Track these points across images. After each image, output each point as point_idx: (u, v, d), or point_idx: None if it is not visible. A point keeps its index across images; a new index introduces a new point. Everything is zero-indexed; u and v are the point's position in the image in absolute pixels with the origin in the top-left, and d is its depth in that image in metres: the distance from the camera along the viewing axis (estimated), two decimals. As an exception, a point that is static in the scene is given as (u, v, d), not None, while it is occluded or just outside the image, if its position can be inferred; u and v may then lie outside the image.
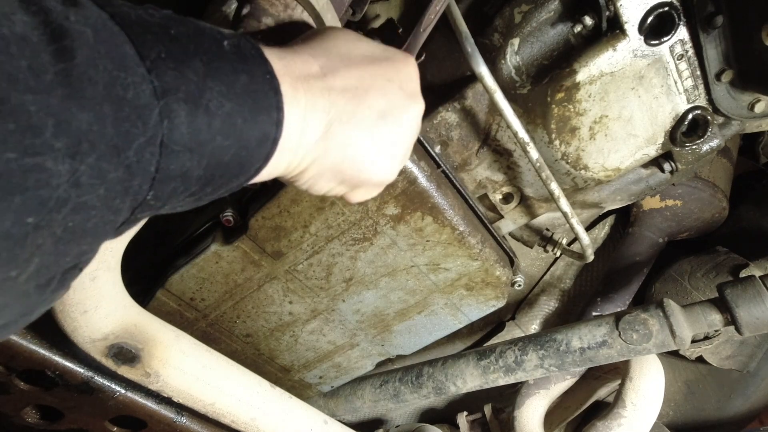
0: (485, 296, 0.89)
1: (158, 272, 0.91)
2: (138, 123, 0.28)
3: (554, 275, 1.47)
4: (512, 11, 0.75)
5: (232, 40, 0.35)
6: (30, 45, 0.24)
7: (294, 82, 0.38)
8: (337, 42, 0.45)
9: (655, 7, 0.68)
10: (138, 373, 0.74)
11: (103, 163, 0.26)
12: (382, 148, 0.46)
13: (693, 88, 0.75)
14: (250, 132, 0.34)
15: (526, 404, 1.18)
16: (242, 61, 0.34)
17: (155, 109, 0.28)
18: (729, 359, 1.28)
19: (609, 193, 0.91)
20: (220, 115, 0.32)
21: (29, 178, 0.23)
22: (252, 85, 0.34)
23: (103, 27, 0.27)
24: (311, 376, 1.09)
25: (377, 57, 0.46)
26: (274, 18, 0.52)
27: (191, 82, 0.30)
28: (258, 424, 0.86)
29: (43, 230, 0.25)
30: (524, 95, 0.78)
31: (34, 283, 0.27)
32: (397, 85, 0.47)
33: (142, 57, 0.28)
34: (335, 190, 0.48)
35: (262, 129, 0.35)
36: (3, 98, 0.22)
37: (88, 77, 0.26)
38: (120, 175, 0.27)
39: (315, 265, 0.83)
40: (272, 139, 0.37)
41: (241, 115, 0.33)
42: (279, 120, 0.36)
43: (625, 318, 0.87)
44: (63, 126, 0.24)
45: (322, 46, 0.44)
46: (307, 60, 0.41)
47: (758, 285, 0.80)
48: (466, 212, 0.80)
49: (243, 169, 0.36)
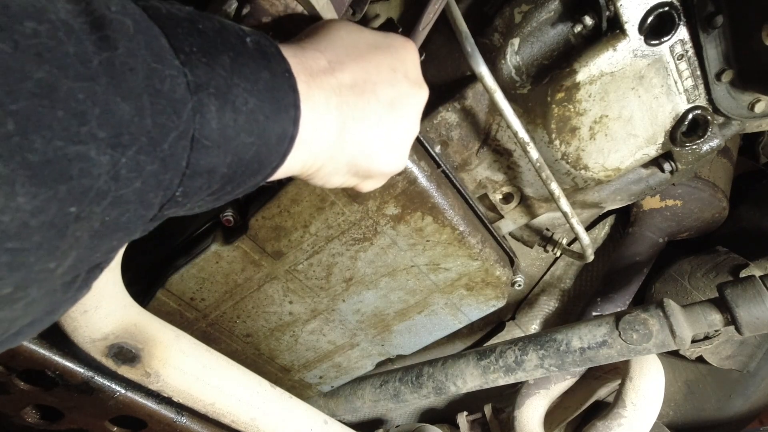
0: (485, 296, 0.89)
1: (158, 272, 0.91)
2: (173, 116, 0.28)
3: (554, 275, 1.47)
4: (512, 11, 0.75)
5: (253, 37, 0.35)
6: (74, 32, 0.23)
7: (308, 79, 0.39)
8: (340, 34, 0.45)
9: (655, 7, 0.68)
10: (138, 373, 0.74)
11: (142, 155, 0.26)
12: (393, 139, 0.47)
13: (693, 88, 0.75)
14: (271, 129, 0.35)
15: (526, 404, 1.18)
16: (264, 58, 0.35)
17: (189, 103, 0.28)
18: (729, 359, 1.28)
19: (609, 193, 0.91)
20: (244, 111, 0.32)
21: (74, 167, 0.23)
22: (273, 82, 0.35)
23: (141, 18, 0.27)
24: (311, 376, 1.09)
25: (380, 45, 0.47)
26: (274, 18, 0.52)
27: (220, 77, 0.30)
28: (258, 424, 0.86)
29: (83, 222, 0.25)
30: (524, 95, 0.78)
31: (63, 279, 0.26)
32: (402, 73, 0.47)
33: (175, 50, 0.28)
34: (348, 182, 0.49)
35: (282, 126, 0.36)
36: (54, 85, 0.22)
37: (130, 67, 0.26)
38: (156, 168, 0.27)
39: (315, 265, 0.83)
40: (290, 137, 0.37)
41: (263, 112, 0.34)
42: (296, 118, 0.37)
43: (625, 318, 0.87)
44: (107, 115, 0.24)
45: (327, 39, 0.44)
46: (316, 56, 0.41)
47: (758, 285, 0.80)
48: (466, 212, 0.80)
49: (262, 167, 0.36)
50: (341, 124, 0.42)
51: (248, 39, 0.34)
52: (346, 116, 0.42)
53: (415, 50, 0.51)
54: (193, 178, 0.30)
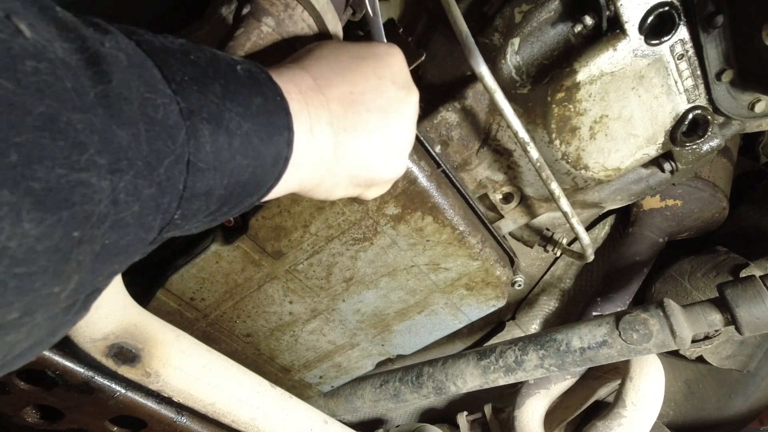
0: (485, 296, 0.89)
1: (158, 272, 0.91)
2: (168, 141, 0.29)
3: (554, 275, 1.47)
4: (512, 11, 0.75)
5: (244, 65, 0.36)
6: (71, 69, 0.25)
7: (298, 100, 0.40)
8: (322, 52, 0.46)
9: (655, 7, 0.68)
10: (138, 373, 0.74)
11: (139, 179, 0.27)
12: (390, 147, 0.48)
13: (693, 88, 0.75)
14: (266, 151, 0.36)
15: (526, 404, 1.18)
16: (255, 84, 0.36)
17: (183, 128, 0.30)
18: (729, 359, 1.28)
19: (609, 193, 0.91)
20: (239, 134, 0.33)
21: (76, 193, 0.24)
22: (266, 106, 0.36)
23: (133, 52, 0.29)
24: (311, 375, 1.09)
25: (362, 55, 0.48)
26: (274, 18, 0.52)
27: (213, 103, 0.32)
28: (258, 423, 0.86)
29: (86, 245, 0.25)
30: (524, 95, 0.78)
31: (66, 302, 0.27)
32: (389, 80, 0.48)
33: (168, 80, 0.30)
34: (351, 193, 0.50)
35: (276, 148, 0.37)
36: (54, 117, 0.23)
37: (124, 98, 0.27)
38: (153, 191, 0.28)
39: (315, 265, 0.83)
40: (284, 158, 0.38)
41: (258, 135, 0.35)
42: (290, 139, 0.38)
43: (626, 318, 0.87)
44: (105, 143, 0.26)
45: (309, 59, 0.45)
46: (303, 76, 0.43)
47: (758, 285, 0.80)
48: (466, 212, 0.80)
49: (258, 188, 0.37)
50: (335, 139, 0.43)
51: (239, 67, 0.36)
52: (338, 130, 0.43)
53: (399, 54, 0.51)
54: (191, 200, 0.32)
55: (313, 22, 0.55)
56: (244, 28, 0.51)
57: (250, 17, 0.51)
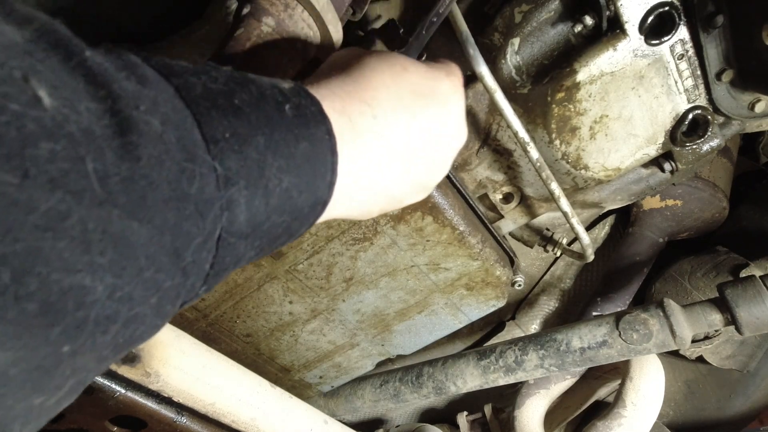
0: (485, 296, 0.89)
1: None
2: (198, 221, 0.25)
3: (554, 275, 1.47)
4: (512, 11, 0.75)
5: (293, 102, 0.32)
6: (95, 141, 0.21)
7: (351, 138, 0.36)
8: (383, 78, 0.41)
9: (655, 7, 0.68)
10: (138, 373, 0.74)
11: (161, 274, 0.24)
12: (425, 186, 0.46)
13: (693, 88, 0.75)
14: (305, 203, 0.32)
15: (526, 404, 1.18)
16: (303, 126, 0.32)
17: (217, 202, 0.26)
18: (729, 359, 1.28)
19: (609, 193, 0.91)
20: (277, 193, 0.29)
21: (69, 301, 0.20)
22: (312, 151, 0.32)
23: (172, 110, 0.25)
24: (311, 375, 1.09)
25: (426, 93, 0.43)
26: (274, 18, 0.52)
27: (253, 161, 0.28)
28: (258, 423, 0.86)
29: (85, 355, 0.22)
30: (524, 95, 0.78)
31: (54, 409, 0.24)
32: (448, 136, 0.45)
33: (207, 141, 0.26)
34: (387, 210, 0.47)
35: (316, 195, 0.33)
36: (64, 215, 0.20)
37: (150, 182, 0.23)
38: (176, 282, 0.25)
39: (315, 265, 0.83)
40: (323, 203, 0.34)
41: (298, 188, 0.31)
42: (332, 182, 0.34)
43: (626, 318, 0.87)
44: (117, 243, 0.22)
45: (370, 83, 0.40)
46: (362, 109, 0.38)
47: (758, 285, 0.80)
48: (466, 212, 0.80)
49: (290, 238, 0.34)
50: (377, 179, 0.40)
51: (287, 106, 0.31)
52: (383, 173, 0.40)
53: (462, 95, 0.47)
54: (219, 275, 0.28)
55: (313, 22, 0.55)
56: (244, 28, 0.51)
57: (250, 17, 0.51)
